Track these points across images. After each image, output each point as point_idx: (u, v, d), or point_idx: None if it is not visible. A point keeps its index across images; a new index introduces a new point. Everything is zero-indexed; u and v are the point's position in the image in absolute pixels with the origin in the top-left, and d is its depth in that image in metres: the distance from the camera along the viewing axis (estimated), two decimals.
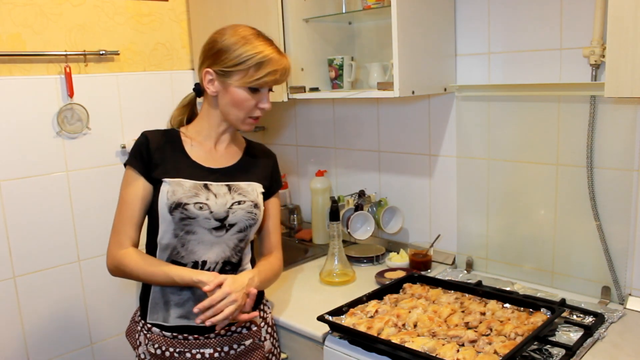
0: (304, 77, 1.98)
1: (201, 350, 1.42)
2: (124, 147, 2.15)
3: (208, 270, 1.40)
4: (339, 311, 1.52)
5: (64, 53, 1.96)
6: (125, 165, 1.45)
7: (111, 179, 2.13)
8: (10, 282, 1.92)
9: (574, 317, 1.51)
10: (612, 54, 1.20)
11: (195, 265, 1.40)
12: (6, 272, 1.91)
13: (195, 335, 1.42)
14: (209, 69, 1.40)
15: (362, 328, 1.41)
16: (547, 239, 1.73)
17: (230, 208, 1.40)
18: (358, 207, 2.10)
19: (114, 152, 2.14)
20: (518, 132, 1.75)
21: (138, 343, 1.48)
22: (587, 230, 1.64)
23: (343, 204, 2.16)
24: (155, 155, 1.42)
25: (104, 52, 2.05)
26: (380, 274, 1.88)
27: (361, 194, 2.17)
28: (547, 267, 1.75)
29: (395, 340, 1.34)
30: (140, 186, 1.41)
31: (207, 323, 1.29)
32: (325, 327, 1.50)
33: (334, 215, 2.01)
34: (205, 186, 1.41)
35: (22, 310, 1.95)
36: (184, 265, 1.40)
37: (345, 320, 1.48)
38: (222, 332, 1.43)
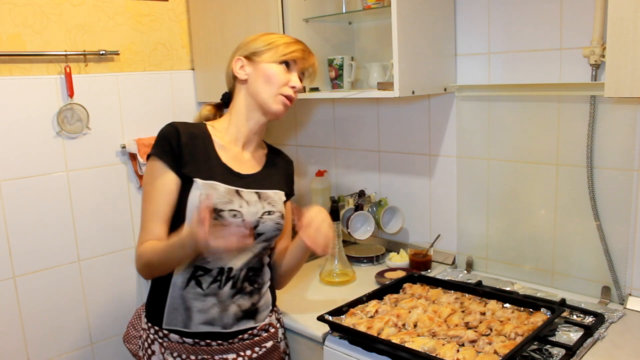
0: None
1: (224, 356, 1.38)
2: (124, 147, 2.15)
3: (232, 277, 1.37)
4: (339, 311, 1.52)
5: (64, 53, 1.96)
6: (149, 156, 1.37)
7: (111, 179, 2.14)
8: (10, 282, 1.92)
9: (574, 317, 1.51)
10: (612, 54, 1.20)
11: (220, 272, 1.36)
12: (6, 272, 1.91)
13: (219, 341, 1.38)
14: (239, 57, 1.41)
15: (362, 328, 1.41)
16: (547, 239, 1.73)
17: (260, 217, 1.38)
18: (358, 207, 2.10)
19: (114, 152, 2.14)
20: (518, 132, 1.75)
21: (150, 352, 1.41)
22: (587, 230, 1.64)
23: (343, 204, 2.16)
24: (186, 150, 1.34)
25: (104, 52, 2.05)
26: (380, 274, 1.88)
27: (361, 194, 2.17)
28: (547, 267, 1.75)
29: (395, 340, 1.34)
30: (169, 180, 1.33)
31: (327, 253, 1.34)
32: (325, 327, 1.50)
33: (334, 215, 2.00)
34: (237, 192, 1.36)
35: (22, 310, 1.95)
36: (209, 270, 1.35)
37: (345, 320, 1.48)
38: (246, 336, 1.42)
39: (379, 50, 2.04)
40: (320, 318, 1.48)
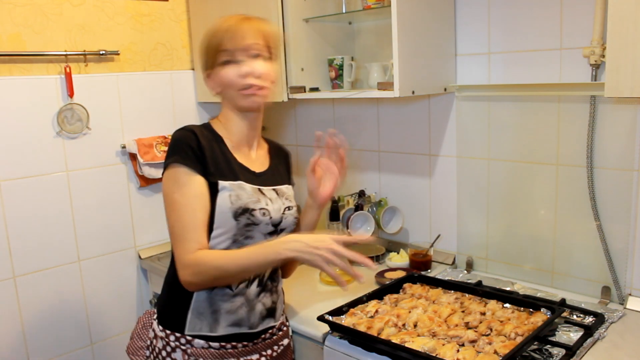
0: (304, 77, 1.98)
1: (248, 357, 1.38)
2: (124, 147, 2.15)
3: (258, 276, 1.37)
4: (339, 311, 1.52)
5: (64, 53, 1.96)
6: (167, 164, 1.30)
7: (111, 179, 2.14)
8: (10, 282, 1.92)
9: (574, 317, 1.51)
10: (612, 54, 1.20)
11: None
12: (6, 272, 1.91)
13: (244, 342, 1.38)
14: (204, 74, 1.38)
15: (362, 328, 1.41)
16: (547, 239, 1.73)
17: (283, 214, 1.39)
18: (358, 207, 2.10)
19: (114, 152, 2.14)
20: (518, 132, 1.75)
21: None
22: (587, 230, 1.64)
23: (343, 204, 2.16)
24: (207, 153, 1.30)
25: (104, 52, 2.05)
26: (380, 274, 1.88)
27: (361, 194, 2.17)
28: (547, 267, 1.75)
29: (395, 340, 1.34)
30: (200, 184, 1.28)
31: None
32: (325, 327, 1.50)
33: (334, 215, 2.01)
34: (260, 190, 1.37)
35: (22, 310, 1.95)
36: None
37: (345, 320, 1.48)
38: (267, 335, 1.42)
39: (379, 50, 2.04)
40: (320, 318, 1.48)
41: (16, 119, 1.89)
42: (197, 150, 1.29)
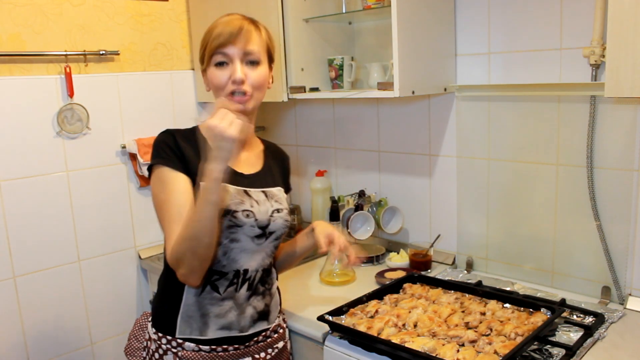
0: (304, 77, 1.98)
1: None
2: (124, 147, 2.15)
3: (248, 279, 1.36)
4: (339, 311, 1.52)
5: (64, 53, 1.97)
6: (150, 167, 1.32)
7: (111, 179, 2.14)
8: (10, 282, 1.92)
9: (574, 317, 1.51)
10: (612, 54, 1.20)
11: (236, 274, 1.35)
12: (6, 272, 1.91)
13: (236, 346, 1.37)
14: (201, 68, 1.38)
15: (362, 328, 1.41)
16: (547, 239, 1.74)
17: (271, 216, 1.37)
18: (358, 207, 2.10)
19: (114, 152, 2.14)
20: (518, 132, 1.75)
21: None
22: (587, 230, 1.64)
23: (343, 204, 2.16)
24: (186, 152, 1.31)
25: (104, 52, 2.05)
26: (380, 274, 1.88)
27: (361, 194, 2.17)
28: (547, 267, 1.75)
29: (395, 340, 1.34)
30: (182, 181, 1.28)
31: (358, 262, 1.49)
32: (325, 327, 1.50)
33: (334, 215, 2.01)
34: (246, 192, 1.36)
35: (22, 310, 1.95)
36: (225, 274, 1.33)
37: (346, 320, 1.48)
38: (260, 338, 1.42)
39: (379, 50, 2.04)
40: (320, 318, 1.48)
41: (16, 119, 1.89)
42: (176, 150, 1.30)
